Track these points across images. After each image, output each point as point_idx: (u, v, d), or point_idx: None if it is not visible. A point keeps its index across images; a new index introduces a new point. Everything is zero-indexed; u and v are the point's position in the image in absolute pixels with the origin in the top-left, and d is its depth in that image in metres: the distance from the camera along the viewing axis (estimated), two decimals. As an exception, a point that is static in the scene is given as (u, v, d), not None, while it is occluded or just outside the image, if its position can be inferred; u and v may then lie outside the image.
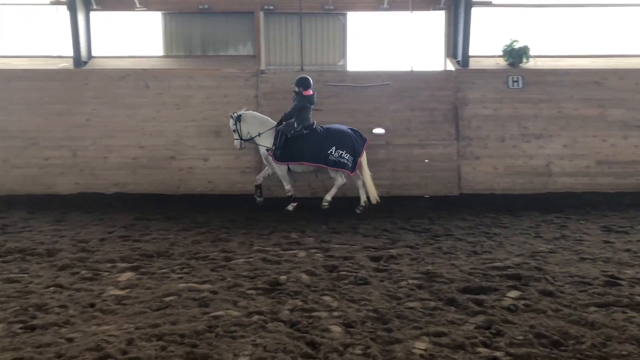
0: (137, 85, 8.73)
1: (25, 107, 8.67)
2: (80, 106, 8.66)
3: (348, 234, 6.63)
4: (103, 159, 8.67)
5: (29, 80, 8.73)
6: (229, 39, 9.55)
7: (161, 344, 3.42)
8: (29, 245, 5.88)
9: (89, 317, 3.90)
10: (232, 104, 8.79)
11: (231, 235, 6.45)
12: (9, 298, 4.26)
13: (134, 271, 5.03)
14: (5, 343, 3.43)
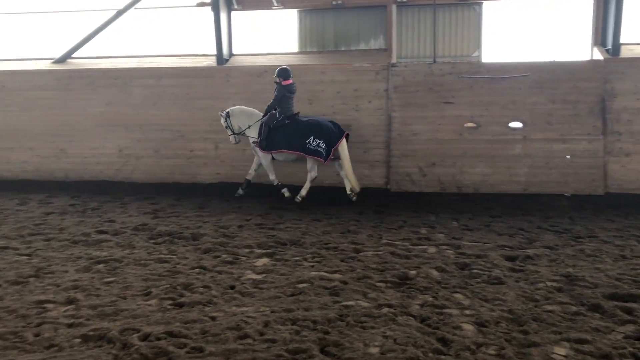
0: (273, 80, 9.09)
1: (173, 102, 9.41)
2: (222, 101, 9.22)
3: (481, 231, 6.41)
4: (242, 151, 9.16)
5: (177, 78, 9.46)
6: (360, 33, 9.64)
7: (295, 328, 3.57)
8: (176, 229, 6.40)
9: (229, 298, 4.17)
10: (361, 98, 8.87)
11: (360, 228, 6.53)
12: (160, 277, 4.68)
13: (269, 257, 5.28)
14: (158, 317, 3.77)
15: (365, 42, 9.69)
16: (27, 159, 9.89)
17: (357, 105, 8.88)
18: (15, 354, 3.21)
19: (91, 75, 9.74)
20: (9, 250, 5.50)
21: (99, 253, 5.40)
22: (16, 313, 3.83)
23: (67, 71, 9.95)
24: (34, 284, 4.48)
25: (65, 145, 9.76)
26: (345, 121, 8.84)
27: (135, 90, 9.56)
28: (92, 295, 4.21)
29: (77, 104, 9.72)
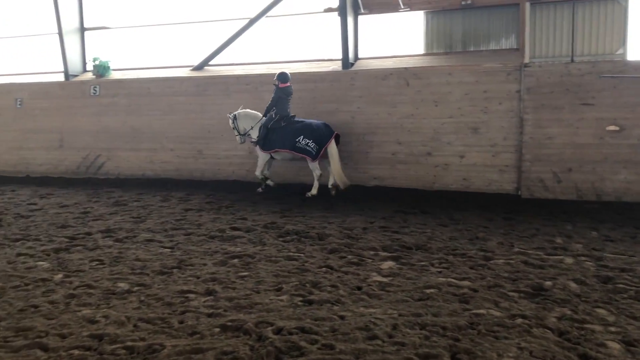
0: (398, 83, 9.08)
1: (300, 106, 9.69)
2: (346, 105, 9.37)
3: (625, 243, 5.90)
4: (365, 153, 9.24)
5: (304, 82, 9.75)
6: (490, 33, 9.30)
7: (424, 333, 3.52)
8: (303, 228, 6.59)
9: (356, 298, 4.21)
10: (491, 100, 8.55)
11: (489, 235, 6.28)
12: (290, 274, 4.84)
13: (394, 261, 5.26)
14: (289, 312, 3.90)
15: (496, 41, 9.33)
16: (169, 159, 10.72)
17: (486, 107, 8.57)
18: (164, 338, 3.49)
19: (226, 82, 10.35)
20: (155, 243, 5.99)
21: (233, 248, 5.71)
22: (162, 301, 4.16)
23: (204, 78, 10.65)
24: (177, 274, 4.84)
25: (202, 147, 10.45)
26: (474, 123, 8.60)
27: (265, 95, 9.97)
28: (228, 287, 4.46)
29: (213, 109, 10.37)
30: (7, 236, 6.37)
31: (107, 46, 11.98)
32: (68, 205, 8.39)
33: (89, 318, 3.80)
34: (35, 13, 12.37)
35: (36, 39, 12.59)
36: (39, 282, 4.63)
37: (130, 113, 11.00)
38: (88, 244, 5.98)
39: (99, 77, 11.39)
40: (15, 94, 12.05)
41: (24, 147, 11.94)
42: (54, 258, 5.42)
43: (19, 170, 11.90)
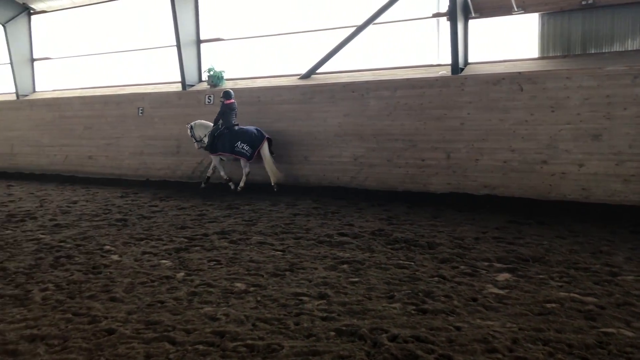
0: (510, 88, 8.73)
1: (407, 112, 9.62)
2: (455, 110, 9.14)
3: None
4: (474, 161, 8.96)
5: (411, 88, 9.65)
6: (614, 33, 8.67)
7: (548, 349, 3.35)
8: (412, 236, 6.50)
9: (472, 310, 4.08)
10: (615, 105, 7.97)
11: (614, 249, 5.84)
12: (401, 282, 4.79)
13: (510, 273, 5.04)
14: (403, 320, 3.86)
15: (621, 43, 8.69)
16: (276, 165, 11.03)
17: (609, 113, 8.00)
18: (281, 338, 3.58)
19: (332, 89, 10.49)
20: (267, 245, 6.19)
21: (342, 254, 5.75)
22: (278, 302, 4.28)
23: (311, 86, 10.86)
24: (289, 277, 4.95)
25: (308, 153, 10.66)
26: (595, 130, 8.06)
27: (371, 102, 10.00)
28: (340, 292, 4.50)
29: (319, 116, 10.55)
30: (133, 235, 6.85)
31: (220, 57, 12.57)
32: (185, 208, 8.88)
33: (210, 315, 3.99)
34: (155, 28, 13.27)
35: (157, 51, 13.48)
36: (163, 280, 4.93)
37: (241, 121, 11.44)
38: (205, 244, 6.29)
39: (213, 86, 11.97)
40: (137, 103, 12.97)
41: (144, 153, 12.82)
42: (175, 257, 5.75)
43: (140, 174, 12.79)
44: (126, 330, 3.71)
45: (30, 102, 14.91)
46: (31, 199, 10.28)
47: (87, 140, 13.70)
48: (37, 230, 7.28)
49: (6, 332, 3.71)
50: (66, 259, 5.70)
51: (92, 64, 14.75)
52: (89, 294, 4.54)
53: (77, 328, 3.78)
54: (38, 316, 4.03)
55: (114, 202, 9.61)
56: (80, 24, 14.76)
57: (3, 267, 5.41)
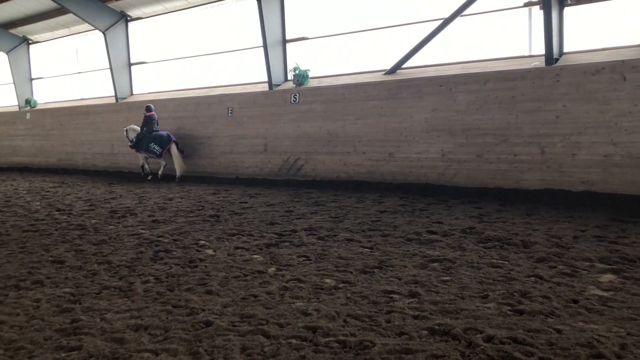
0: (611, 78, 8.20)
1: (497, 106, 9.29)
2: (550, 103, 8.72)
3: None
4: (571, 156, 8.50)
5: (502, 81, 9.30)
6: None
7: (663, 358, 3.10)
8: (505, 234, 6.27)
9: (573, 312, 3.86)
10: None
11: None
12: (495, 281, 4.63)
13: (615, 274, 4.73)
14: (499, 321, 3.72)
15: None
16: (361, 162, 11.03)
17: None
18: (373, 335, 3.56)
19: (418, 84, 10.33)
20: (354, 243, 6.19)
21: (432, 252, 5.64)
22: (368, 299, 4.26)
23: (397, 81, 10.75)
24: (378, 274, 4.92)
25: (394, 149, 10.56)
26: None
27: (459, 96, 9.75)
28: (431, 291, 4.41)
29: (404, 112, 10.43)
30: (225, 231, 7.09)
31: (305, 55, 12.73)
32: (274, 204, 9.08)
33: (302, 310, 4.04)
34: (243, 30, 13.65)
35: (245, 53, 13.86)
36: (255, 274, 5.06)
37: (326, 118, 11.56)
38: (294, 240, 6.39)
39: (299, 85, 12.15)
40: (227, 104, 13.42)
41: (234, 152, 13.24)
42: (266, 252, 5.88)
43: (230, 172, 13.23)
44: (222, 323, 3.84)
45: (129, 105, 15.82)
46: (130, 196, 10.91)
47: (180, 140, 14.34)
48: (137, 225, 7.71)
49: (113, 321, 3.95)
50: (164, 253, 6.00)
51: (184, 66, 15.43)
52: (187, 287, 4.74)
53: (176, 319, 3.96)
54: (141, 307, 4.25)
55: (207, 199, 9.99)
56: (172, 29, 15.49)
57: (108, 260, 5.77)
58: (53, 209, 9.43)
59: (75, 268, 5.50)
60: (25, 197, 11.35)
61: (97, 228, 7.60)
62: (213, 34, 14.62)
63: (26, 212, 9.19)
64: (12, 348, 3.53)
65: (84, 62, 17.99)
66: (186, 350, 3.43)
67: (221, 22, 14.43)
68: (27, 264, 5.70)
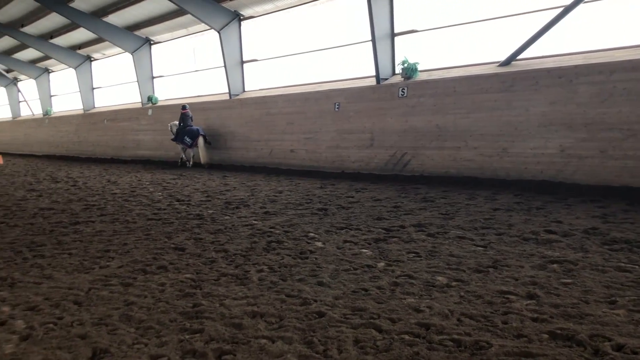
0: None
1: (626, 98, 8.58)
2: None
3: None
4: None
5: (632, 71, 8.55)
6: None
7: None
8: (634, 237, 5.78)
9: None
10: None
11: None
12: (623, 286, 4.29)
13: None
14: (630, 329, 3.44)
15: None
16: (472, 157, 10.68)
17: None
18: (489, 336, 3.43)
19: (535, 76, 9.80)
20: (466, 240, 6.01)
21: (551, 253, 5.34)
22: (482, 299, 4.12)
23: (511, 73, 10.27)
24: (493, 274, 4.74)
25: (507, 145, 10.12)
26: None
27: (580, 88, 9.13)
28: (551, 294, 4.17)
29: (520, 105, 9.95)
30: (333, 224, 7.17)
31: (414, 48, 12.53)
32: (380, 200, 9.05)
33: (414, 307, 3.99)
34: (350, 25, 13.71)
35: (352, 48, 13.91)
36: (365, 268, 5.07)
37: (435, 112, 11.31)
38: (403, 236, 6.32)
39: (407, 79, 12.00)
40: (334, 98, 13.55)
41: (340, 146, 13.35)
42: (374, 247, 5.88)
43: (336, 167, 13.37)
44: (335, 314, 3.88)
45: (241, 101, 16.48)
46: (243, 188, 11.36)
47: (289, 135, 14.72)
48: (250, 216, 8.02)
49: (231, 307, 4.13)
50: (277, 244, 6.18)
51: (293, 63, 15.79)
52: (299, 277, 4.85)
53: (290, 308, 4.06)
54: (256, 295, 4.42)
55: (314, 193, 10.17)
56: (282, 26, 15.89)
57: (224, 249, 6.05)
58: (173, 199, 10.06)
59: (195, 255, 5.83)
60: (148, 187, 12.20)
61: (214, 218, 8.00)
62: (321, 30, 14.82)
63: (149, 202, 9.88)
64: (142, 327, 3.80)
65: (200, 61, 18.97)
66: (300, 339, 3.51)
67: (330, 18, 14.59)
68: (152, 250, 6.12)
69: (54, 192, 12.03)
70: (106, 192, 11.65)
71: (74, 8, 18.45)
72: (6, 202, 10.67)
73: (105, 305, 4.29)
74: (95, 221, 8.11)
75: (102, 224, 7.89)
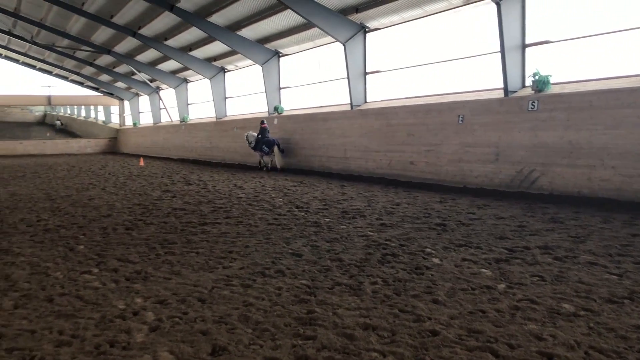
0: None
1: None
2: None
3: None
4: None
5: None
6: None
7: None
8: None
9: None
10: None
11: None
12: None
13: None
14: None
15: None
16: (608, 177, 9.85)
17: None
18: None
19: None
20: (598, 267, 5.54)
21: (700, 288, 4.76)
22: (615, 332, 3.77)
23: (659, 86, 9.35)
24: (629, 306, 4.32)
25: (651, 164, 9.21)
26: None
27: None
28: (700, 334, 3.71)
29: (667, 121, 9.02)
30: (452, 241, 6.96)
31: (546, 60, 11.87)
32: (504, 218, 8.63)
33: (535, 334, 3.75)
34: (476, 36, 13.29)
35: (478, 59, 13.48)
36: (483, 289, 4.86)
37: (568, 127, 10.60)
38: (527, 257, 5.98)
39: (538, 92, 11.38)
40: (458, 110, 13.19)
41: (462, 160, 12.96)
42: (495, 267, 5.61)
43: (458, 181, 12.99)
44: (449, 334, 3.76)
45: (362, 112, 16.60)
46: (360, 198, 11.42)
47: (409, 147, 14.56)
48: (366, 227, 8.03)
49: (344, 317, 4.15)
50: (392, 257, 6.12)
51: (416, 74, 15.63)
52: (413, 293, 4.76)
53: (403, 324, 3.99)
54: (369, 307, 4.40)
55: (433, 207, 9.95)
56: (406, 37, 15.81)
57: (339, 258, 6.10)
58: (293, 206, 10.36)
59: (311, 262, 5.94)
60: (270, 193, 12.68)
61: (330, 226, 8.12)
62: (446, 40, 14.54)
63: (271, 207, 10.26)
64: (258, 329, 3.94)
65: (323, 72, 19.44)
66: (412, 356, 3.44)
67: (455, 29, 14.27)
68: (271, 254, 6.34)
69: (186, 193, 12.92)
70: (232, 196, 12.28)
71: (212, 22, 19.75)
72: (144, 201, 11.63)
73: (226, 304, 4.51)
74: (221, 223, 8.58)
75: (227, 226, 8.32)
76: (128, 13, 22.14)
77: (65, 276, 5.54)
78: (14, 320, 4.20)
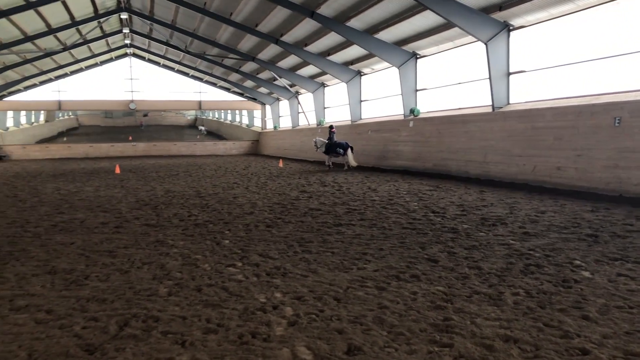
0: None
1: None
2: None
3: None
4: None
5: None
6: None
7: None
8: None
9: None
10: None
11: None
12: None
13: None
14: None
15: None
16: None
17: None
18: None
19: None
20: None
21: None
22: None
23: None
24: None
25: None
26: None
27: None
28: None
29: None
30: (605, 254, 6.37)
31: None
32: (668, 231, 7.73)
33: None
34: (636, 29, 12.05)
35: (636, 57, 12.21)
36: (643, 308, 4.37)
37: None
38: (697, 277, 5.28)
39: None
40: (614, 112, 12.05)
41: (619, 166, 11.82)
42: (657, 285, 5.03)
43: (612, 189, 11.86)
44: (602, 355, 3.43)
45: (504, 114, 15.83)
46: (501, 205, 10.88)
47: (556, 151, 13.61)
48: (507, 235, 7.62)
49: (483, 327, 3.96)
50: (535, 268, 5.75)
51: (564, 74, 14.57)
52: (560, 307, 4.42)
53: (548, 339, 3.72)
54: (510, 318, 4.16)
55: (584, 216, 9.19)
56: (555, 35, 14.79)
57: (478, 266, 5.86)
58: (429, 211, 10.15)
59: (448, 269, 5.77)
60: (404, 197, 12.55)
61: (469, 233, 7.83)
62: (600, 37, 13.35)
63: (405, 211, 10.14)
64: (393, 332, 3.90)
65: (462, 73, 18.83)
66: (559, 375, 3.18)
67: (612, 23, 13.06)
68: (406, 258, 6.26)
69: (322, 194, 13.24)
70: (366, 198, 12.35)
71: (350, 27, 20.06)
72: (283, 200, 12.12)
73: (360, 305, 4.53)
74: (355, 224, 8.65)
75: (361, 227, 8.38)
76: (271, 21, 23.26)
77: (212, 268, 5.93)
78: (168, 306, 4.57)
